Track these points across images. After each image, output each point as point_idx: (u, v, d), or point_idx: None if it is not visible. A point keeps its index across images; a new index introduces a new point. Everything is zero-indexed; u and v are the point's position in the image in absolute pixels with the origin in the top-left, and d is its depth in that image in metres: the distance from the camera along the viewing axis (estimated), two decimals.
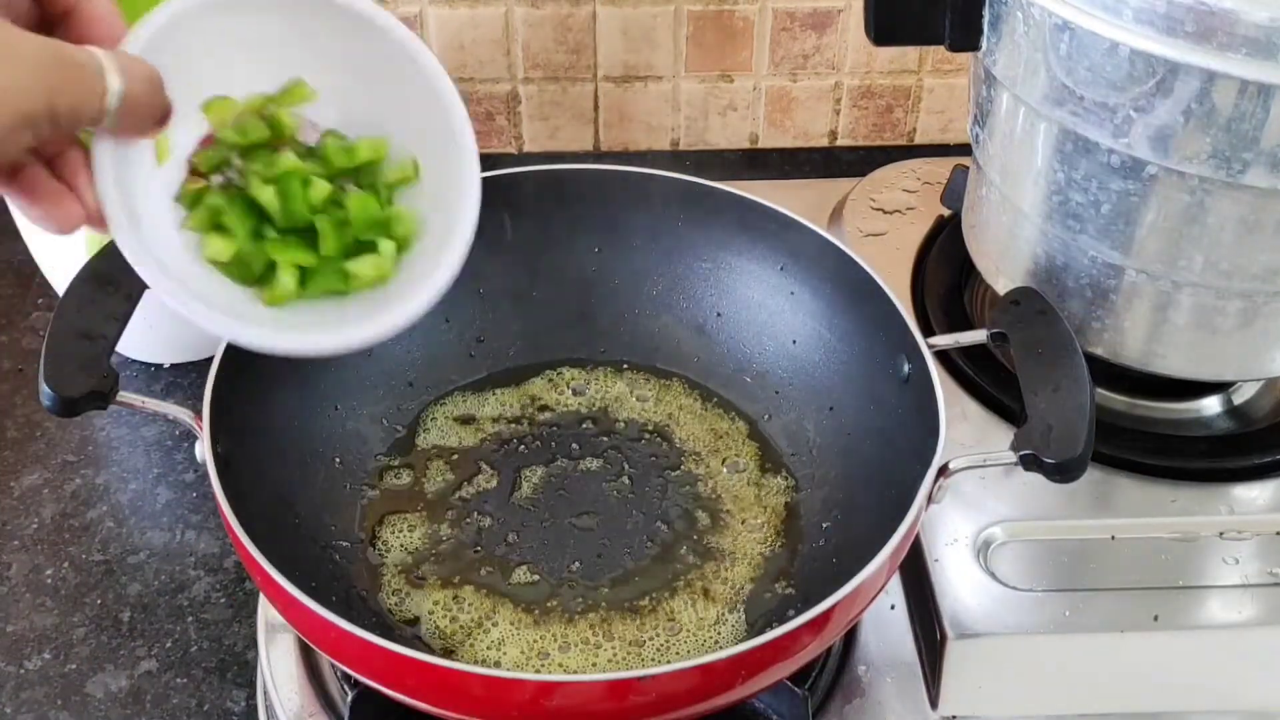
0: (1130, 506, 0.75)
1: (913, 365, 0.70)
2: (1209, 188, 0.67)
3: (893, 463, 0.71)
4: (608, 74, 1.08)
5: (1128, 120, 0.67)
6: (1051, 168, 0.73)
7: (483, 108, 1.10)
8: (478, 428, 0.81)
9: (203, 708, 0.72)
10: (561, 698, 0.56)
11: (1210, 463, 0.78)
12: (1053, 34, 0.69)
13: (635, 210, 0.81)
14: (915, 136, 1.14)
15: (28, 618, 0.77)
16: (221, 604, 0.78)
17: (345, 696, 0.66)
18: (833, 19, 1.06)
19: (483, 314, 0.83)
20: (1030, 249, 0.78)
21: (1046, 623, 0.69)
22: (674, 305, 0.84)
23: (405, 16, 1.04)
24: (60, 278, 0.88)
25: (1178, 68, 0.64)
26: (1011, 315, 0.70)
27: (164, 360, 0.92)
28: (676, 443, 0.80)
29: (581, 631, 0.69)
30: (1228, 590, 0.71)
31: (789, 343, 0.81)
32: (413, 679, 0.57)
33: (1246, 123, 0.64)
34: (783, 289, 0.80)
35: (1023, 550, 0.73)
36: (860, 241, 0.94)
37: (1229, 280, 0.71)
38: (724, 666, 0.56)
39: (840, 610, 0.58)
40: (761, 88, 1.10)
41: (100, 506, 0.83)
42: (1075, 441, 0.61)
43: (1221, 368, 0.78)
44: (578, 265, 0.83)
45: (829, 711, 0.68)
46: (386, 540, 0.73)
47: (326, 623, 0.56)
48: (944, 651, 0.68)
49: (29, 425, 0.88)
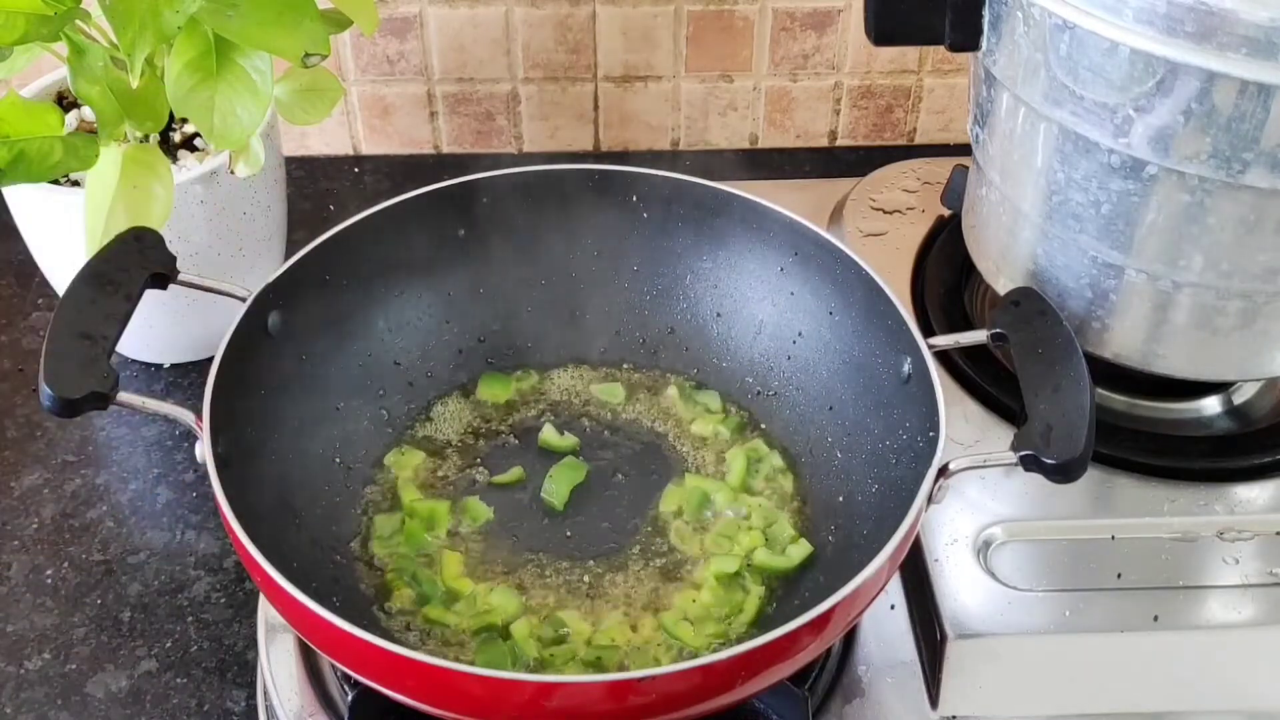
0: (1130, 506, 0.75)
1: (913, 365, 0.70)
2: (1209, 188, 0.67)
3: (893, 463, 0.71)
4: (608, 74, 1.08)
5: (1128, 120, 0.67)
6: (1051, 168, 0.73)
7: (483, 108, 1.10)
8: (477, 428, 0.81)
9: (203, 708, 0.72)
10: (561, 698, 0.56)
11: (1210, 463, 0.78)
12: (1053, 34, 0.69)
13: (635, 210, 0.81)
14: (915, 136, 1.14)
15: (28, 618, 0.77)
16: (221, 604, 0.78)
17: (345, 696, 0.66)
18: (833, 19, 1.06)
19: (483, 314, 0.83)
20: (1030, 249, 0.78)
21: (1046, 623, 0.69)
22: (674, 305, 0.84)
23: (405, 16, 1.04)
24: (60, 278, 0.88)
25: (1178, 68, 0.64)
26: (1011, 315, 0.70)
27: (164, 360, 0.92)
28: (676, 443, 0.80)
29: (582, 630, 0.69)
30: (1228, 590, 0.71)
31: (789, 343, 0.81)
32: (413, 679, 0.57)
33: (1246, 123, 0.64)
34: (783, 289, 0.80)
35: (1023, 550, 0.73)
36: (860, 241, 0.93)
37: (1229, 280, 0.71)
38: (724, 667, 0.56)
39: (840, 610, 0.58)
40: (761, 88, 1.10)
41: (100, 506, 0.83)
42: (1075, 442, 0.61)
43: (1221, 368, 0.78)
44: (578, 265, 0.83)
45: (829, 711, 0.68)
46: (387, 540, 0.73)
47: (326, 623, 0.56)
48: (944, 651, 0.68)
49: (29, 425, 0.88)
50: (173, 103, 0.75)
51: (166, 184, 0.78)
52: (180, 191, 0.80)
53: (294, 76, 0.85)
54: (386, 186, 1.09)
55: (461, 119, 1.11)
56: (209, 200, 0.83)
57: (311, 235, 0.75)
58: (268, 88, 0.76)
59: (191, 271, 0.71)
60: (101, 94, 0.77)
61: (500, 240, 0.82)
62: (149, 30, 0.72)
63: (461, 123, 1.11)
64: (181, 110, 0.75)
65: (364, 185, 1.10)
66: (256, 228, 0.88)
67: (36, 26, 0.72)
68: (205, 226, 0.84)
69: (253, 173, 0.82)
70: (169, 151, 0.86)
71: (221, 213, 0.85)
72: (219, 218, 0.85)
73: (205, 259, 0.85)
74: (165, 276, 0.69)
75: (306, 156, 1.12)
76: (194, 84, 0.75)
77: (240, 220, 0.86)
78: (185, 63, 0.74)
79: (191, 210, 0.83)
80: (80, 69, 0.76)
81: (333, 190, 1.09)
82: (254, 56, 0.75)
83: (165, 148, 0.84)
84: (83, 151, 0.77)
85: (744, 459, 0.78)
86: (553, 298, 0.84)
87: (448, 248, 0.81)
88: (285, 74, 0.85)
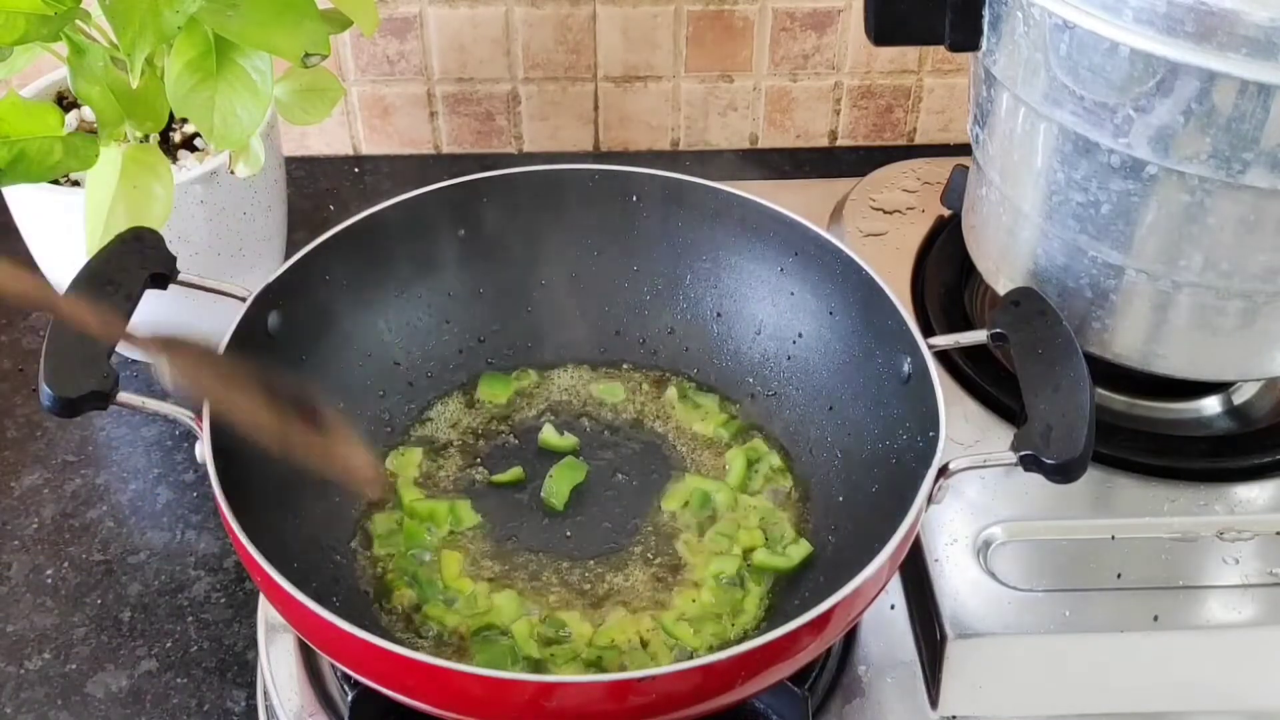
0: (1130, 506, 0.75)
1: (913, 365, 0.70)
2: (1209, 188, 0.67)
3: (893, 463, 0.71)
4: (608, 74, 1.08)
5: (1128, 120, 0.67)
6: (1051, 168, 0.73)
7: (483, 108, 1.10)
8: (477, 428, 0.81)
9: (203, 708, 0.72)
10: (561, 698, 0.56)
11: (1210, 463, 0.78)
12: (1053, 34, 0.69)
13: (635, 210, 0.81)
14: (915, 136, 1.14)
15: (28, 618, 0.77)
16: (221, 604, 0.78)
17: (345, 696, 0.66)
18: (833, 19, 1.06)
19: (482, 314, 0.83)
20: (1030, 249, 0.78)
21: (1046, 623, 0.69)
22: (674, 305, 0.84)
23: (405, 16, 1.04)
24: (60, 278, 0.88)
25: (1178, 68, 0.64)
26: (1011, 316, 0.70)
27: None
28: (676, 443, 0.80)
29: (582, 630, 0.69)
30: (1228, 590, 0.71)
31: (789, 343, 0.81)
32: (413, 680, 0.57)
33: (1246, 123, 0.64)
34: (783, 289, 0.80)
35: (1023, 550, 0.73)
36: (860, 241, 0.93)
37: (1229, 280, 0.71)
38: (724, 667, 0.56)
39: (840, 610, 0.58)
40: (761, 88, 1.10)
41: (100, 506, 0.83)
42: (1075, 442, 0.61)
43: (1221, 368, 0.78)
44: (577, 266, 0.83)
45: (829, 711, 0.68)
46: (386, 539, 0.73)
47: (326, 624, 0.56)
48: (944, 651, 0.68)
49: (29, 425, 0.88)
50: (173, 103, 0.75)
51: (166, 184, 0.78)
52: (180, 191, 0.80)
53: (294, 76, 0.85)
54: (386, 186, 1.09)
55: (461, 119, 1.11)
56: (209, 200, 0.83)
57: (311, 235, 0.75)
58: (268, 88, 0.76)
59: (191, 271, 0.71)
60: (101, 94, 0.77)
61: (500, 240, 0.81)
62: (149, 30, 0.72)
63: (461, 123, 1.11)
64: (181, 110, 0.75)
65: (364, 185, 1.10)
66: (256, 228, 0.88)
67: (36, 26, 0.72)
68: (205, 226, 0.84)
69: (253, 173, 0.82)
70: (169, 151, 0.86)
71: (221, 213, 0.85)
72: (219, 218, 0.85)
73: (205, 259, 0.85)
74: (165, 276, 0.69)
75: (306, 156, 1.12)
76: (194, 84, 0.75)
77: (240, 220, 0.86)
78: (185, 63, 0.74)
79: (191, 210, 0.83)
80: (80, 69, 0.76)
81: (333, 190, 1.09)
82: (254, 56, 0.75)
83: (165, 148, 0.84)
84: (83, 151, 0.77)
85: (744, 459, 0.78)
86: (552, 298, 0.84)
87: (448, 248, 0.81)
88: (285, 74, 0.85)
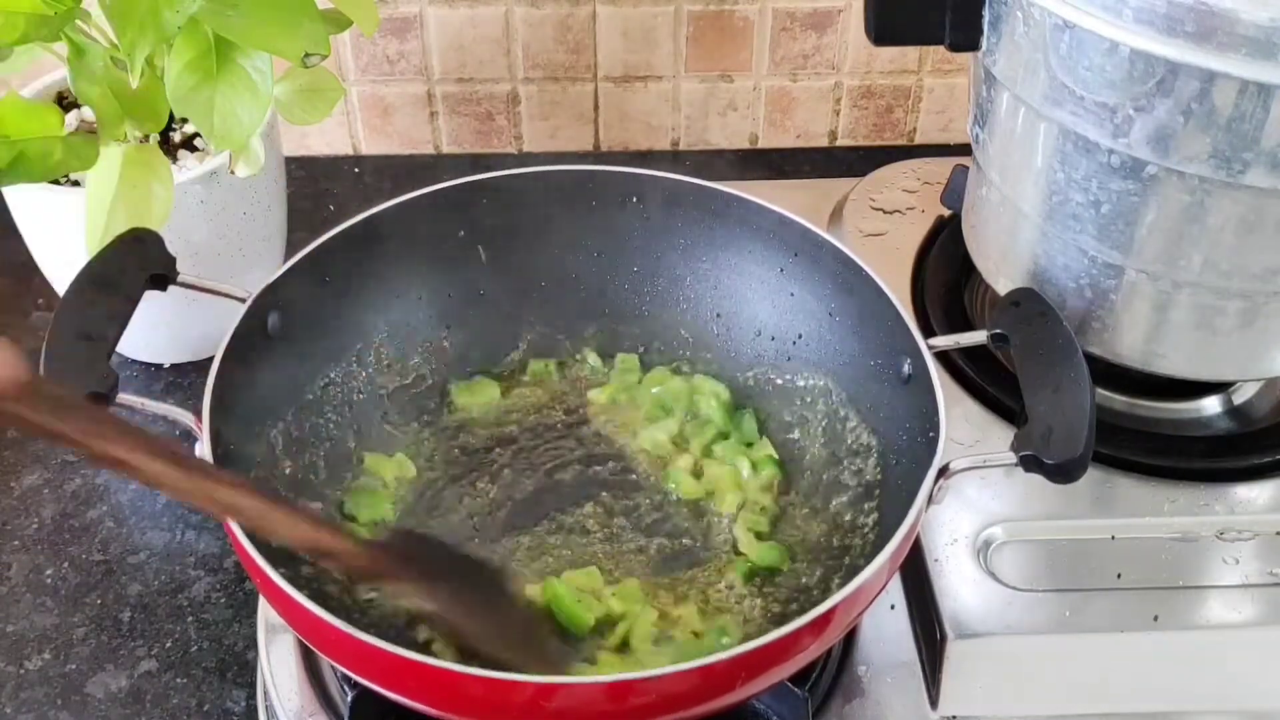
0: (1130, 506, 0.75)
1: (913, 366, 0.70)
2: (1209, 188, 0.67)
3: (893, 463, 0.71)
4: (608, 74, 1.08)
5: (1128, 120, 0.67)
6: (1051, 168, 0.73)
7: (483, 108, 1.10)
8: (477, 428, 0.80)
9: (203, 708, 0.72)
10: (561, 699, 0.56)
11: (1210, 463, 0.78)
12: (1053, 34, 0.69)
13: (635, 210, 0.81)
14: (915, 136, 1.14)
15: (28, 618, 0.77)
16: (221, 604, 0.78)
17: (345, 696, 0.66)
18: (833, 19, 1.06)
19: (482, 315, 0.83)
20: (1030, 249, 0.78)
21: (1046, 623, 0.69)
22: (674, 306, 0.84)
23: (405, 16, 1.04)
24: (60, 278, 0.88)
25: (1178, 68, 0.64)
26: (1012, 316, 0.70)
27: (164, 360, 0.92)
28: (674, 443, 0.80)
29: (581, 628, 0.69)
30: (1228, 590, 0.71)
31: (789, 343, 0.80)
32: (413, 681, 0.57)
33: (1246, 123, 0.64)
34: (783, 289, 0.80)
35: (1023, 550, 0.73)
36: (860, 241, 0.93)
37: (1229, 280, 0.71)
38: (724, 668, 0.56)
39: (840, 611, 0.58)
40: (761, 88, 1.10)
41: (100, 506, 0.83)
42: (1075, 442, 0.61)
43: (1221, 368, 0.78)
44: (577, 266, 0.83)
45: (829, 712, 0.68)
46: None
47: (326, 625, 0.56)
48: (944, 651, 0.68)
49: None
50: (173, 103, 0.75)
51: (166, 184, 0.78)
52: (180, 191, 0.80)
53: (294, 76, 0.85)
54: (386, 186, 1.09)
55: (461, 119, 1.11)
56: (209, 200, 0.83)
57: (311, 235, 0.75)
58: (268, 88, 0.76)
59: (191, 272, 0.71)
60: (101, 94, 0.77)
61: (500, 241, 0.81)
62: (149, 30, 0.72)
63: (461, 123, 1.11)
64: (181, 110, 0.75)
65: (364, 185, 1.10)
66: (256, 228, 0.88)
67: (36, 26, 0.72)
68: (205, 227, 0.84)
69: (253, 173, 0.82)
70: (169, 151, 0.86)
71: (221, 213, 0.85)
72: (219, 218, 0.85)
73: (205, 259, 0.85)
74: (165, 277, 0.69)
75: (306, 156, 1.12)
76: (194, 84, 0.75)
77: (240, 220, 0.86)
78: (185, 63, 0.74)
79: (191, 210, 0.83)
80: (80, 69, 0.77)
81: (333, 190, 1.09)
82: (254, 56, 0.75)
83: (165, 148, 0.84)
84: (83, 151, 0.77)
85: (744, 458, 0.78)
86: (552, 299, 0.84)
87: (448, 248, 0.81)
88: (285, 74, 0.85)
